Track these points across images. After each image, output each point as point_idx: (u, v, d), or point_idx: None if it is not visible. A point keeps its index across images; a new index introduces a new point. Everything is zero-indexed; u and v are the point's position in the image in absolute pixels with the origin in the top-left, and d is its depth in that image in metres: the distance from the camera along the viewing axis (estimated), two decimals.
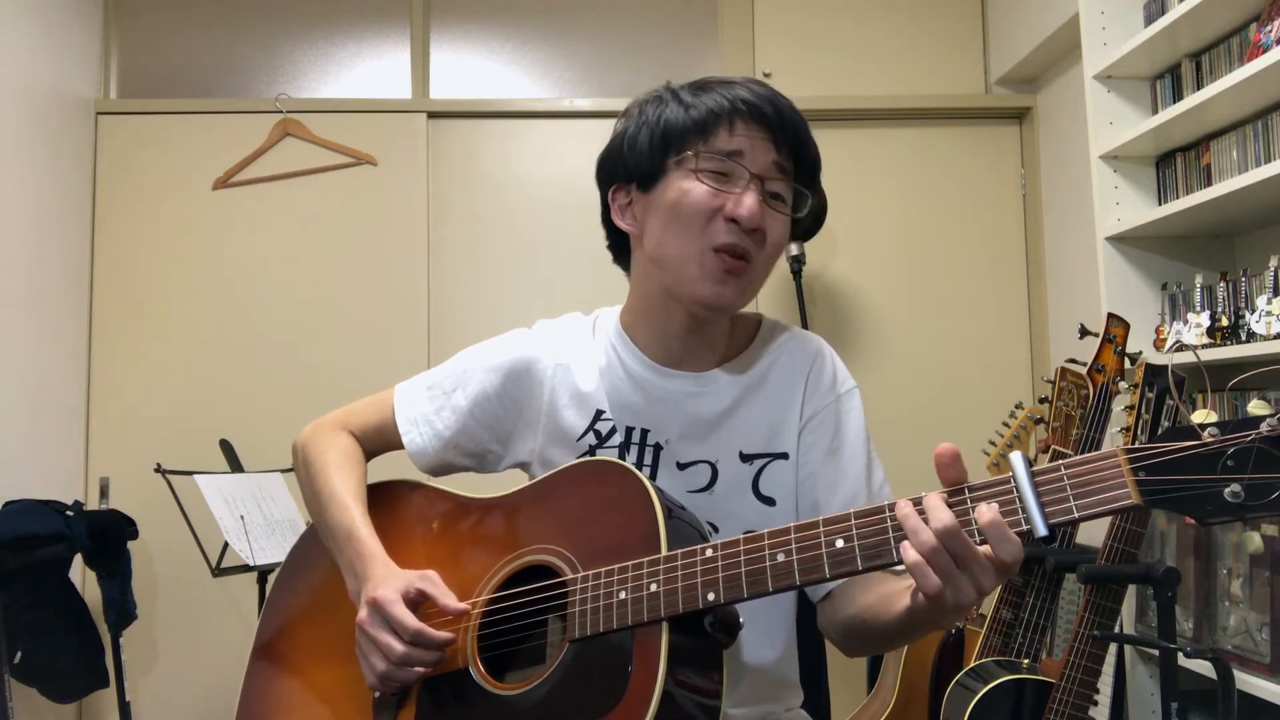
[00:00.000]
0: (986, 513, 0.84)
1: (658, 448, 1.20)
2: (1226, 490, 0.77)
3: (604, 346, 1.25)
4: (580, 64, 3.27)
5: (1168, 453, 0.79)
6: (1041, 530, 0.82)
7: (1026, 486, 0.84)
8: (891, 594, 1.04)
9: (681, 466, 1.19)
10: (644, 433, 1.20)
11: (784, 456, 1.20)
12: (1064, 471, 0.83)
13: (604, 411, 1.22)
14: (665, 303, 1.19)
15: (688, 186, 1.13)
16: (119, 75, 3.18)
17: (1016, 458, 0.85)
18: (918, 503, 0.88)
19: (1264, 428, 0.76)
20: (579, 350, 1.26)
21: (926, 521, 0.86)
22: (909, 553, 0.86)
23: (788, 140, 1.16)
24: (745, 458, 1.20)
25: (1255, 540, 1.92)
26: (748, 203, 1.12)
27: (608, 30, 3.28)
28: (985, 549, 0.85)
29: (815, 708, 1.33)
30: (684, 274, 1.15)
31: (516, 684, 1.04)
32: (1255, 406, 0.70)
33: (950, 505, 0.87)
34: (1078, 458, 0.84)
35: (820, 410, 1.22)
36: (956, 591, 0.86)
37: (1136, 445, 0.81)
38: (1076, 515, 0.82)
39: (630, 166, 1.19)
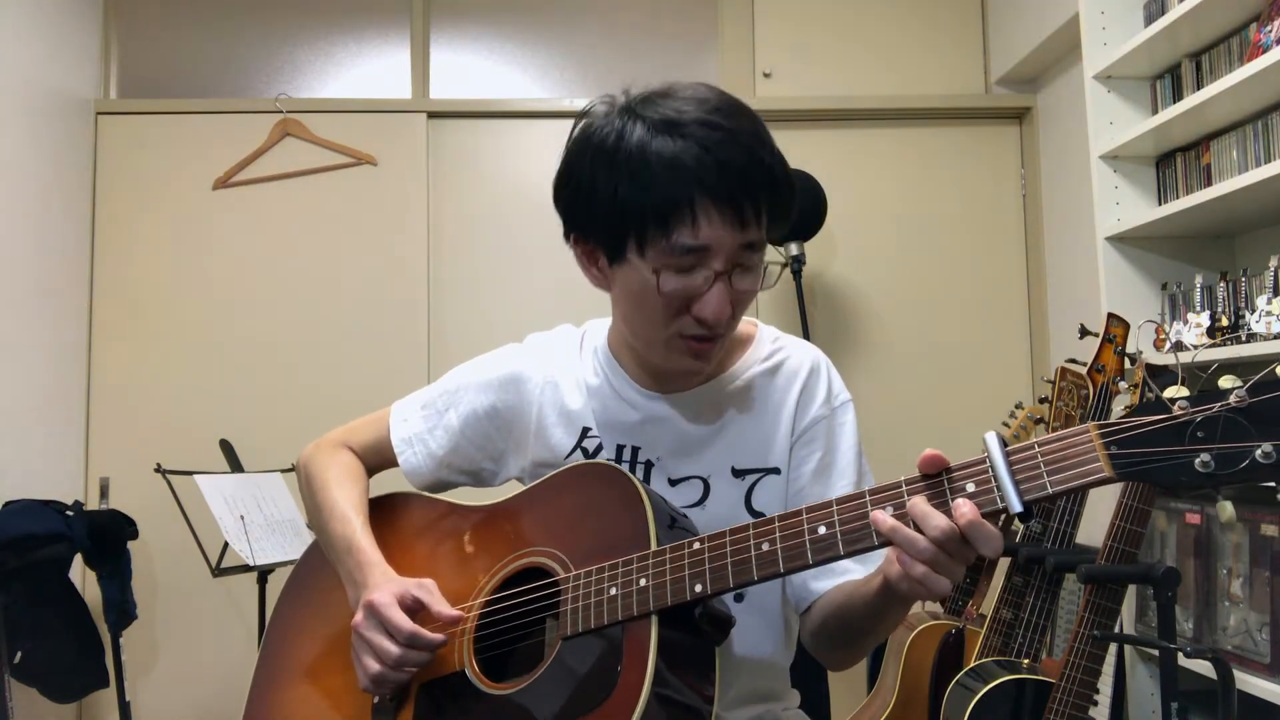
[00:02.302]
0: (967, 514, 0.85)
1: (649, 464, 1.20)
2: (1197, 460, 0.78)
3: (592, 365, 1.26)
4: (580, 64, 3.27)
5: (1138, 426, 0.81)
6: (1016, 507, 0.84)
7: (1001, 465, 0.85)
8: (867, 579, 1.05)
9: (673, 482, 1.19)
10: (635, 450, 1.20)
11: (776, 472, 1.19)
12: (1038, 449, 0.84)
13: (590, 429, 1.22)
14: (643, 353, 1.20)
15: (650, 282, 1.06)
16: (119, 75, 3.18)
17: (991, 438, 0.86)
18: (899, 507, 0.89)
19: (1232, 399, 0.78)
20: (567, 367, 1.26)
21: (920, 530, 0.87)
22: (915, 567, 0.87)
23: (755, 210, 1.05)
24: (737, 473, 1.19)
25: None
26: (713, 304, 1.06)
27: (608, 30, 3.28)
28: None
29: (815, 708, 1.33)
30: (652, 351, 1.15)
31: (511, 684, 1.05)
32: (1225, 380, 0.71)
33: (930, 497, 0.88)
34: (1051, 435, 0.85)
35: (812, 425, 1.20)
36: (954, 575, 0.88)
37: (1107, 421, 0.83)
38: (1050, 491, 0.83)
39: (586, 229, 1.13)
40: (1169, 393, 0.82)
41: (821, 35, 3.24)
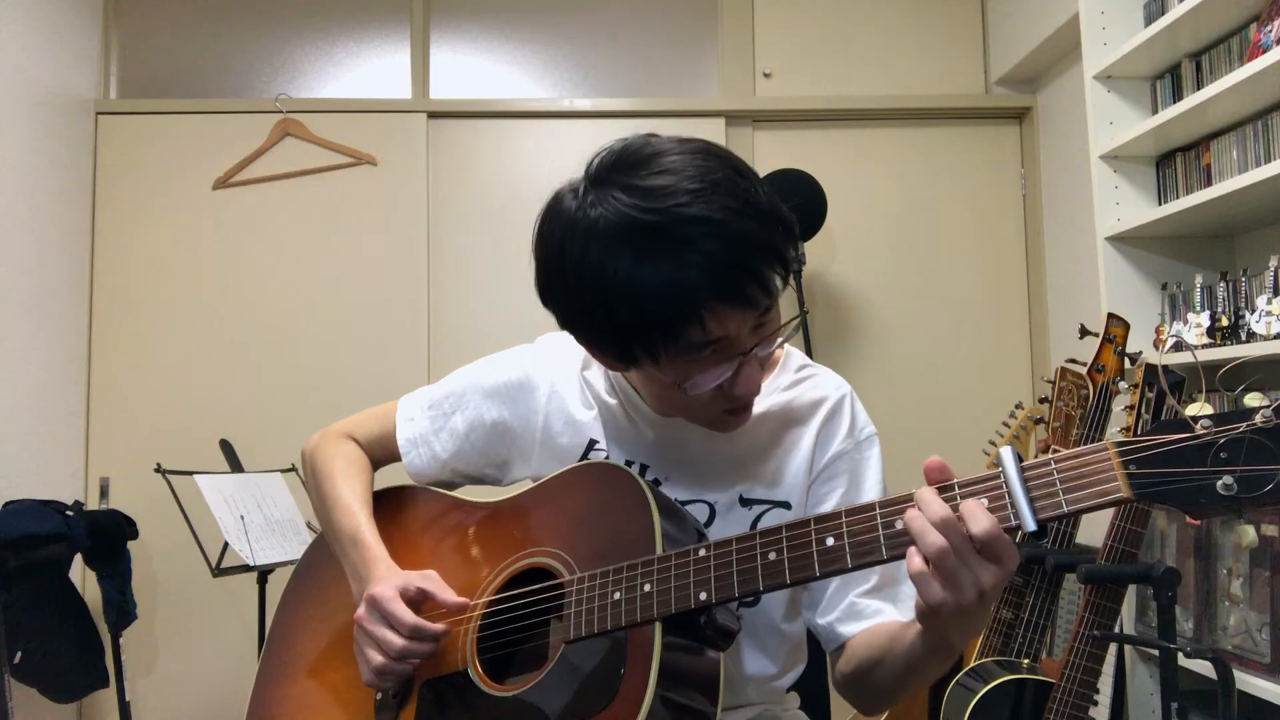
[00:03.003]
0: (979, 516, 0.82)
1: (655, 483, 1.18)
2: (1219, 482, 0.75)
3: (606, 382, 1.23)
4: (580, 64, 3.27)
5: (1158, 445, 0.78)
6: (1030, 525, 0.81)
7: (1015, 481, 0.82)
8: (908, 625, 1.01)
9: (679, 504, 1.16)
10: (643, 468, 1.19)
11: (785, 505, 1.17)
12: (1054, 466, 0.82)
13: (597, 442, 1.21)
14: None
15: (670, 383, 1.04)
16: (119, 75, 3.18)
17: (1006, 453, 0.84)
18: (908, 498, 0.87)
19: (1258, 419, 0.75)
20: (577, 375, 1.25)
21: (926, 518, 0.84)
22: (914, 559, 0.84)
23: (765, 286, 0.99)
24: (745, 502, 1.17)
25: (1250, 534, 1.91)
26: (744, 384, 1.04)
27: (608, 30, 3.28)
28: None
29: (815, 708, 1.33)
30: (688, 419, 1.13)
31: (513, 685, 1.05)
32: (1251, 399, 0.68)
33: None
34: (1068, 452, 0.82)
35: (835, 461, 1.17)
36: (958, 593, 0.83)
37: (1127, 438, 0.80)
38: (1066, 510, 0.80)
39: (588, 340, 1.08)
40: (1191, 410, 0.79)
41: (821, 35, 3.24)
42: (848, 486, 1.17)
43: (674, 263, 0.94)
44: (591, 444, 1.21)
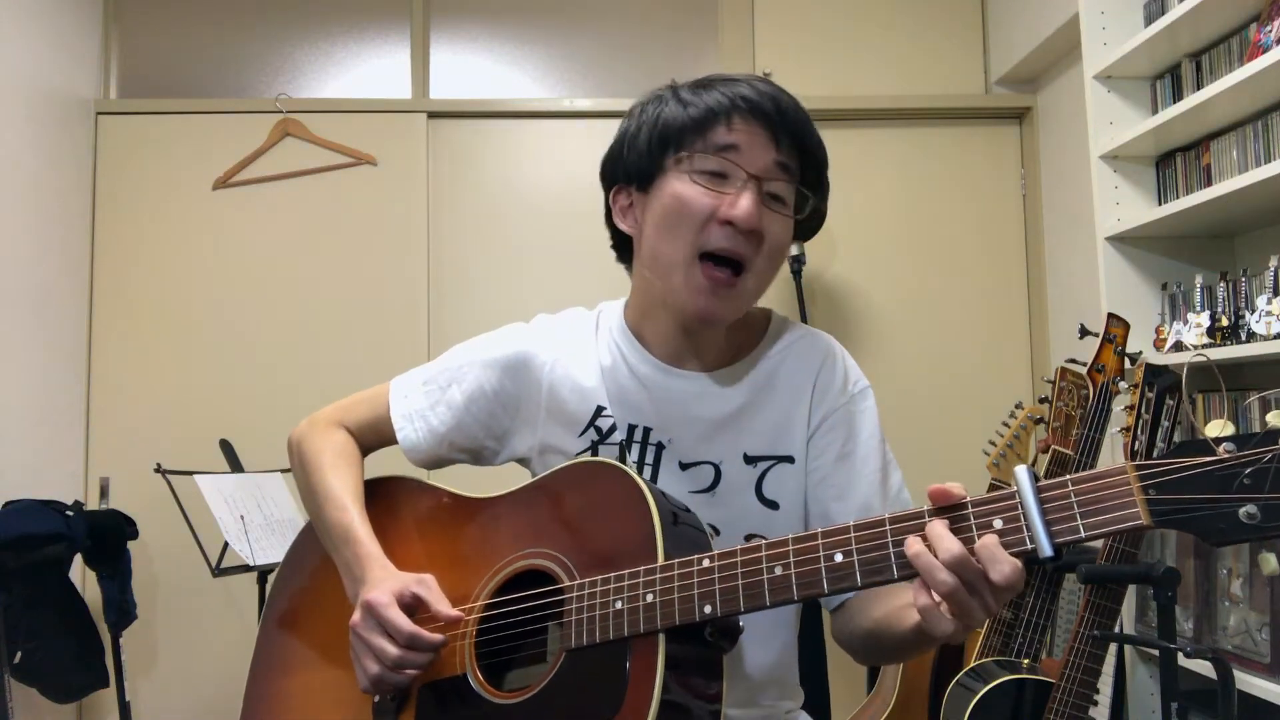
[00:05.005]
0: (1001, 560, 0.80)
1: (660, 447, 1.18)
2: (1241, 511, 0.72)
3: (608, 344, 1.24)
4: (580, 64, 3.27)
5: (1180, 470, 0.75)
6: (1047, 551, 0.79)
7: (1032, 504, 0.80)
8: (903, 606, 1.01)
9: (684, 466, 1.18)
10: (646, 431, 1.19)
11: (789, 460, 1.18)
12: (1071, 489, 0.79)
13: (604, 408, 1.20)
14: (664, 306, 1.18)
15: (682, 188, 1.10)
16: (119, 75, 3.18)
17: (1022, 473, 0.81)
18: (919, 527, 0.85)
19: None
20: (580, 345, 1.24)
21: (936, 555, 0.82)
22: (920, 596, 0.84)
23: (789, 137, 1.12)
24: (749, 459, 1.18)
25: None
26: (743, 204, 1.08)
27: (608, 30, 3.28)
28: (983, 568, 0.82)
29: (815, 708, 1.33)
30: (672, 282, 1.13)
31: (514, 692, 1.04)
32: (1274, 417, 0.64)
33: (955, 529, 0.84)
34: (1085, 474, 0.80)
35: (831, 414, 1.19)
36: (968, 620, 0.84)
37: (1147, 461, 0.77)
38: (1084, 535, 0.78)
39: (629, 167, 1.17)
40: (1211, 430, 0.76)
41: (821, 35, 3.24)
42: (845, 438, 1.19)
43: (727, 86, 1.12)
44: (599, 410, 1.20)
